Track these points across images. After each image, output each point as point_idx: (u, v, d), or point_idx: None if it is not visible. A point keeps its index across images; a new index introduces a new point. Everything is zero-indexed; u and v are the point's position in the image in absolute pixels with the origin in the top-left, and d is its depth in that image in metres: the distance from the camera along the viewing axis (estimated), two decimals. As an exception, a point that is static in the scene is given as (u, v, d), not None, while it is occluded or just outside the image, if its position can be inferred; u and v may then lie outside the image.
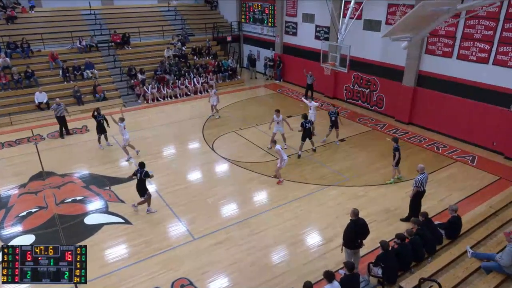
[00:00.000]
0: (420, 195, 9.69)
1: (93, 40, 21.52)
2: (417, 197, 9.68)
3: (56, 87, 19.19)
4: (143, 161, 10.44)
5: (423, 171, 9.54)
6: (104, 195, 11.43)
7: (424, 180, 9.49)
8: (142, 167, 10.23)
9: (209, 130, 16.33)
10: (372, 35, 17.49)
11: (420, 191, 9.59)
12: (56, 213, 10.55)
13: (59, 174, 12.71)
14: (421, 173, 9.50)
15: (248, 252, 9.05)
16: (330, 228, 9.86)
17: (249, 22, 26.38)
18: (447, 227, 8.81)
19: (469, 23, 13.94)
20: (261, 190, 11.77)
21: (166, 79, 20.98)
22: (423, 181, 9.47)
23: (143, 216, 10.40)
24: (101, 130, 14.35)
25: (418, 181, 9.45)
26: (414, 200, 9.74)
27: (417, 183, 9.46)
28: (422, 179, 9.44)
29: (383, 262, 7.44)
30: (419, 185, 9.45)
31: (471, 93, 14.32)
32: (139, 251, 9.09)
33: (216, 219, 10.32)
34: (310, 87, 20.25)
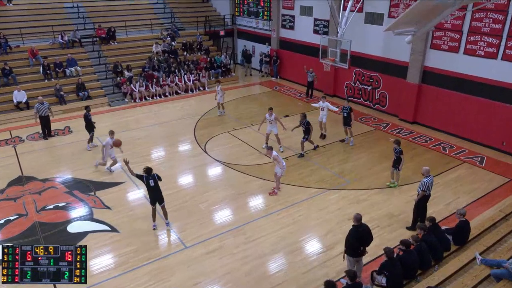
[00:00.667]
0: (426, 199, 9.74)
1: (76, 34, 21.44)
2: (422, 201, 9.74)
3: (36, 85, 19.10)
4: (149, 166, 9.75)
5: (428, 174, 9.59)
6: (89, 201, 11.37)
7: (430, 184, 9.55)
8: (150, 172, 9.59)
9: (201, 131, 16.32)
10: (374, 29, 17.58)
11: (426, 195, 9.65)
12: (36, 221, 10.47)
13: (40, 179, 12.63)
14: (427, 176, 9.55)
15: (244, 261, 9.03)
16: (330, 235, 9.89)
17: (243, 16, 26.42)
18: (454, 232, 8.87)
19: (476, 16, 14.06)
20: (257, 194, 11.76)
21: (155, 77, 20.94)
22: (429, 185, 9.53)
23: (130, 224, 10.36)
24: (91, 129, 14.53)
25: (424, 184, 9.48)
26: (419, 204, 9.79)
27: (423, 186, 9.50)
28: (428, 183, 9.49)
29: (387, 270, 7.47)
30: (425, 188, 9.51)
31: (479, 90, 14.44)
32: (126, 261, 9.05)
33: (209, 226, 10.29)
34: (311, 85, 20.31)
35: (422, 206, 9.80)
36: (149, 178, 9.57)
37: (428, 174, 9.57)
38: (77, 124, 16.94)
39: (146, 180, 9.57)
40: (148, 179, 9.57)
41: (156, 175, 9.65)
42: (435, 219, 8.78)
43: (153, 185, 9.62)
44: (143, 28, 24.07)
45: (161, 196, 9.84)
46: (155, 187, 9.67)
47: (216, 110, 18.45)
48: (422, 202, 9.75)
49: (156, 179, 9.64)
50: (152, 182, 9.59)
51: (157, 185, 9.67)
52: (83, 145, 14.89)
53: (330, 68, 16.88)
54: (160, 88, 20.73)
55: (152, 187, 9.65)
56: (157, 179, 9.65)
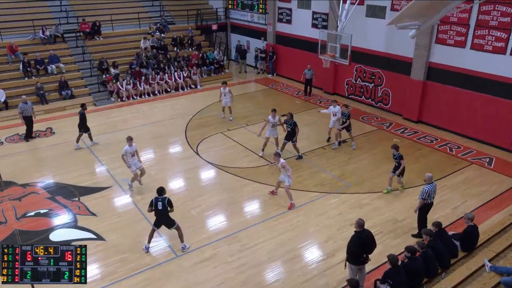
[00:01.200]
0: (427, 208, 9.62)
1: (58, 29, 21.33)
2: (422, 210, 9.62)
3: (16, 83, 18.99)
4: (162, 186, 9.36)
5: (431, 180, 9.45)
6: (73, 208, 11.30)
7: (432, 191, 9.42)
8: (162, 193, 9.18)
9: (193, 132, 16.30)
10: (376, 22, 17.65)
11: (427, 204, 9.54)
12: (16, 229, 10.40)
13: (19, 183, 12.55)
14: (429, 183, 9.44)
15: (239, 270, 9.02)
16: (331, 242, 9.89)
17: (237, 9, 26.43)
18: (462, 238, 8.89)
19: (483, 8, 14.14)
20: (253, 199, 11.76)
21: (143, 74, 20.89)
22: (431, 192, 9.41)
23: (117, 231, 10.32)
24: (85, 128, 14.63)
25: (425, 192, 9.36)
26: (419, 213, 9.69)
27: (423, 194, 9.38)
28: (429, 190, 9.37)
29: (391, 278, 7.48)
30: (425, 197, 9.39)
31: (487, 87, 14.53)
32: (113, 271, 8.99)
33: (202, 233, 10.27)
34: (309, 83, 20.33)
35: (421, 216, 9.68)
36: (158, 199, 9.10)
37: (431, 181, 9.46)
38: (60, 125, 16.89)
39: (155, 201, 9.10)
40: (157, 201, 9.09)
41: (168, 201, 9.12)
42: (441, 224, 8.80)
43: (161, 208, 9.10)
44: (131, 22, 23.99)
45: (169, 222, 9.35)
46: (162, 211, 9.15)
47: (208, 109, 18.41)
48: (422, 211, 9.63)
49: (166, 204, 9.09)
50: (160, 205, 9.08)
51: (165, 210, 9.14)
52: (67, 147, 14.83)
53: (330, 65, 16.89)
54: (149, 86, 20.67)
55: (160, 211, 9.15)
56: (166, 205, 9.10)
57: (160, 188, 9.26)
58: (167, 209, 9.16)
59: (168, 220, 9.32)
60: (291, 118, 13.39)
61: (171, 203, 9.15)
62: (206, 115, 18.08)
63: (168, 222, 9.36)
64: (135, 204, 11.42)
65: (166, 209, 9.16)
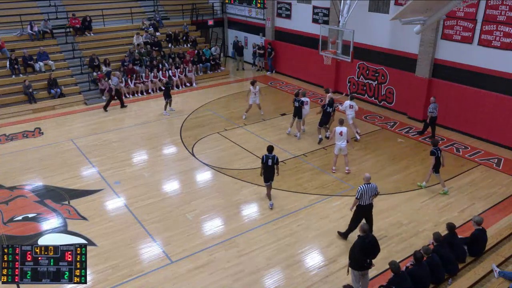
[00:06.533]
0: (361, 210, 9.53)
1: (47, 25, 21.30)
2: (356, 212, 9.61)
3: (3, 81, 18.94)
4: (271, 145, 11.27)
5: (368, 181, 9.38)
6: (62, 211, 11.30)
7: (365, 192, 9.30)
8: (271, 151, 11.08)
9: (188, 132, 16.29)
10: (379, 17, 17.67)
11: (361, 205, 9.46)
12: (3, 234, 10.40)
13: (6, 186, 12.54)
14: (365, 183, 9.37)
15: (236, 276, 9.01)
16: (333, 247, 9.90)
17: (234, 3, 26.43)
18: (469, 242, 8.90)
19: (491, 3, 14.17)
20: (251, 202, 11.76)
21: (136, 71, 20.88)
22: (363, 193, 9.30)
23: (109, 236, 10.30)
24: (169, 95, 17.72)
25: (358, 192, 9.34)
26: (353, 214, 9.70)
27: (357, 193, 9.36)
28: (362, 190, 9.26)
29: (396, 285, 7.48)
30: (358, 196, 9.34)
31: (496, 84, 14.54)
32: (105, 278, 8.98)
33: (197, 238, 10.27)
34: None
35: (354, 217, 9.71)
36: (269, 157, 10.98)
37: (368, 182, 9.38)
38: (49, 125, 16.86)
39: (265, 158, 10.98)
40: (267, 158, 10.98)
41: (276, 158, 11.04)
42: (455, 226, 8.74)
43: (270, 165, 11.01)
44: (123, 17, 23.96)
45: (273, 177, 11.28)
46: (271, 167, 11.06)
47: (204, 108, 18.40)
48: (355, 212, 9.65)
49: (275, 161, 10.99)
50: (270, 162, 10.97)
51: (273, 166, 11.05)
52: (56, 148, 14.83)
53: (331, 61, 16.90)
54: (142, 84, 20.66)
55: (269, 167, 11.05)
56: (275, 161, 10.99)
57: (271, 147, 11.17)
58: (274, 166, 11.06)
59: (273, 176, 11.24)
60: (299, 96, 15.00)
61: (278, 161, 11.10)
62: (202, 114, 18.06)
63: (273, 177, 11.21)
64: (127, 208, 11.40)
65: (273, 166, 11.04)
